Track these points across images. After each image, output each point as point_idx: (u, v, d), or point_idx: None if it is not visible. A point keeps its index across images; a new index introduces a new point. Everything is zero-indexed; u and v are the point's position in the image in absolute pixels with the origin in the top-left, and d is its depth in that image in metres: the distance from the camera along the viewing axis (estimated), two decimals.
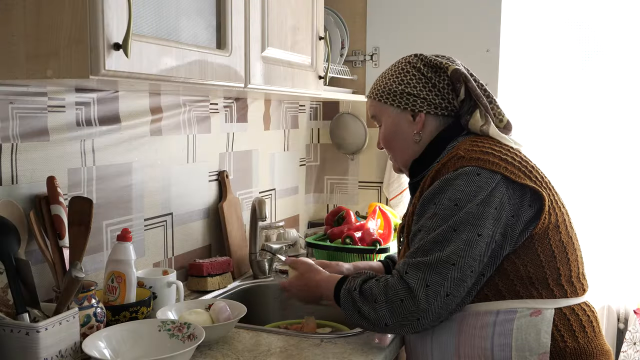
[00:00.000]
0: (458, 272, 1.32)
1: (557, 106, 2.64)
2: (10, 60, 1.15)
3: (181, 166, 1.95)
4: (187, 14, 1.36)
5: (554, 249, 1.38)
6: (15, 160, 1.39)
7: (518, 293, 1.36)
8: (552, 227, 1.39)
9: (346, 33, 2.70)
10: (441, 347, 1.41)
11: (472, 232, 1.32)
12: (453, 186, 1.36)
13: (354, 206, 2.84)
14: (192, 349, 1.26)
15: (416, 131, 1.53)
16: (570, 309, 1.38)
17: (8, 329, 1.17)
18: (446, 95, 1.51)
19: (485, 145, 1.43)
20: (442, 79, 1.51)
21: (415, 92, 1.51)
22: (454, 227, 1.33)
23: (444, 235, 1.34)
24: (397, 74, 1.54)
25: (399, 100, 1.52)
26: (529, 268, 1.36)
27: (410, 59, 1.55)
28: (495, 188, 1.35)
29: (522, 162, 1.42)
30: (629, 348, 2.54)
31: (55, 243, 1.41)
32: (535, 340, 1.33)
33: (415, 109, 1.51)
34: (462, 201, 1.34)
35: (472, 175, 1.36)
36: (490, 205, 1.34)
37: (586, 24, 2.57)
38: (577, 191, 2.60)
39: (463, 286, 1.34)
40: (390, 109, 1.55)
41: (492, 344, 1.35)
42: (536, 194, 1.37)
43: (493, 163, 1.37)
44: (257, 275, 2.09)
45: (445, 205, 1.35)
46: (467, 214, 1.33)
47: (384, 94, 1.55)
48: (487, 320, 1.36)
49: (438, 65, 1.51)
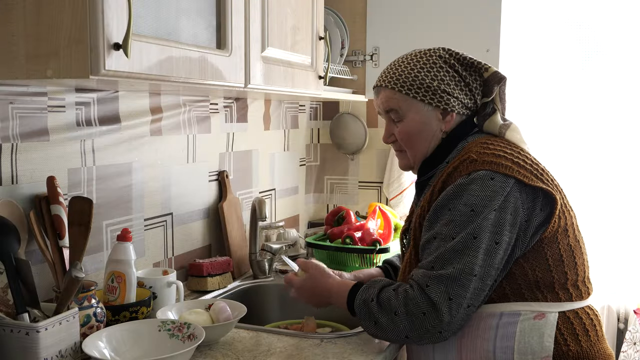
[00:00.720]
0: (479, 282, 1.30)
1: (557, 106, 2.64)
2: (10, 60, 1.15)
3: (181, 166, 1.95)
4: (187, 14, 1.36)
5: (562, 253, 1.36)
6: (15, 160, 1.39)
7: (523, 296, 1.35)
8: (562, 230, 1.37)
9: (346, 33, 2.70)
10: (443, 349, 1.40)
11: (491, 240, 1.30)
12: (468, 191, 1.33)
13: (354, 206, 2.84)
14: (192, 349, 1.26)
15: (444, 129, 1.48)
16: (574, 312, 1.36)
17: (8, 329, 1.17)
18: (475, 96, 1.48)
19: (497, 147, 1.40)
20: (475, 79, 1.47)
21: (449, 90, 1.45)
22: (473, 235, 1.30)
23: (463, 243, 1.30)
24: (428, 68, 1.46)
25: (431, 96, 1.45)
26: (537, 272, 1.34)
27: (441, 52, 1.48)
28: (510, 193, 1.32)
29: (533, 164, 1.39)
30: (629, 348, 2.54)
31: (55, 243, 1.41)
32: (538, 344, 1.32)
33: (448, 108, 1.46)
34: (479, 207, 1.31)
35: (486, 179, 1.32)
36: (507, 211, 1.31)
37: (586, 24, 2.57)
38: (576, 191, 2.60)
39: (482, 295, 1.32)
40: (419, 105, 1.47)
41: (495, 346, 1.34)
42: (548, 197, 1.35)
43: (506, 167, 1.34)
44: (257, 275, 2.09)
45: (462, 212, 1.32)
46: (486, 220, 1.30)
47: (413, 87, 1.46)
48: (490, 322, 1.35)
49: (474, 65, 1.46)
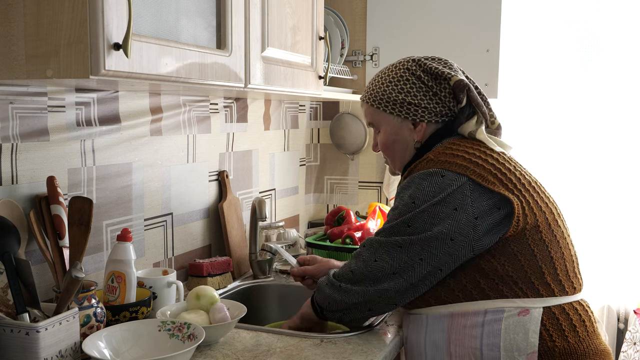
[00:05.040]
0: (405, 255, 1.39)
1: (557, 106, 2.64)
2: (10, 60, 1.15)
3: (181, 166, 1.95)
4: (187, 14, 1.36)
5: (533, 248, 1.38)
6: (15, 160, 1.39)
7: (502, 292, 1.37)
8: (530, 227, 1.38)
9: (346, 33, 2.70)
10: (434, 345, 1.43)
11: (422, 228, 1.38)
12: (416, 185, 1.41)
13: (354, 206, 2.85)
14: (192, 349, 1.26)
15: (417, 139, 1.54)
16: (560, 308, 1.37)
17: (8, 329, 1.17)
18: (447, 103, 1.51)
19: (460, 148, 1.45)
20: (444, 87, 1.50)
21: (416, 102, 1.50)
22: (407, 223, 1.40)
23: (397, 227, 1.42)
24: (395, 82, 1.52)
25: (399, 109, 1.52)
26: (507, 267, 1.37)
27: (409, 65, 1.53)
28: (458, 190, 1.37)
29: (496, 165, 1.42)
30: (629, 348, 2.54)
31: (55, 243, 1.41)
32: (523, 340, 1.34)
33: (417, 119, 1.52)
34: (419, 200, 1.39)
35: (436, 176, 1.40)
36: (448, 205, 1.37)
37: (586, 24, 2.57)
38: (576, 191, 2.60)
39: (412, 271, 1.39)
40: (390, 117, 1.54)
41: (482, 343, 1.37)
42: (505, 199, 1.37)
43: (460, 165, 1.39)
44: (257, 275, 2.09)
45: (405, 202, 1.42)
46: (422, 212, 1.38)
47: (383, 101, 1.54)
48: (476, 320, 1.38)
49: (440, 74, 1.49)
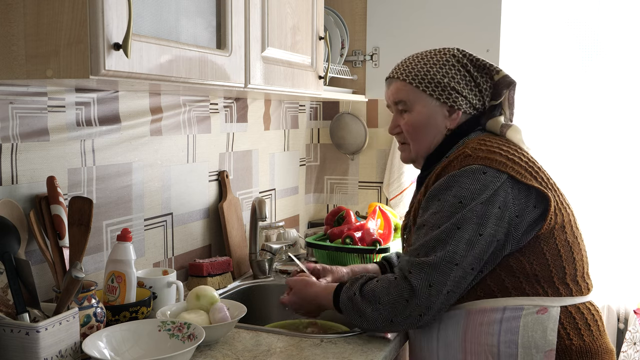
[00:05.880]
0: (460, 271, 1.34)
1: (557, 106, 2.64)
2: (10, 60, 1.15)
3: (181, 166, 1.95)
4: (187, 14, 1.36)
5: (559, 248, 1.39)
6: (15, 160, 1.39)
7: (524, 290, 1.37)
8: (558, 227, 1.39)
9: (346, 33, 2.70)
10: (447, 343, 1.42)
11: (475, 231, 1.34)
12: (458, 183, 1.36)
13: (354, 206, 2.84)
14: (192, 349, 1.26)
15: (449, 127, 1.51)
16: (575, 307, 1.38)
17: (8, 329, 1.17)
18: (484, 97, 1.51)
19: (494, 144, 1.43)
20: (486, 81, 1.50)
21: (458, 89, 1.49)
22: (457, 225, 1.34)
23: (447, 233, 1.35)
24: (441, 64, 1.50)
25: (440, 91, 1.49)
26: (535, 265, 1.37)
27: (455, 52, 1.52)
28: (500, 187, 1.35)
29: (529, 162, 1.42)
30: (629, 348, 2.53)
31: (55, 243, 1.41)
32: (541, 338, 1.34)
33: (455, 106, 1.49)
34: (467, 199, 1.35)
35: (478, 173, 1.36)
36: (494, 204, 1.34)
37: (586, 24, 2.56)
38: (577, 191, 2.60)
39: (464, 283, 1.36)
40: (428, 99, 1.50)
41: (499, 340, 1.36)
42: (541, 195, 1.37)
43: (500, 162, 1.37)
44: (257, 275, 2.09)
45: (450, 202, 1.36)
46: (471, 212, 1.34)
47: (424, 81, 1.49)
48: (494, 316, 1.37)
49: (485, 67, 1.50)
